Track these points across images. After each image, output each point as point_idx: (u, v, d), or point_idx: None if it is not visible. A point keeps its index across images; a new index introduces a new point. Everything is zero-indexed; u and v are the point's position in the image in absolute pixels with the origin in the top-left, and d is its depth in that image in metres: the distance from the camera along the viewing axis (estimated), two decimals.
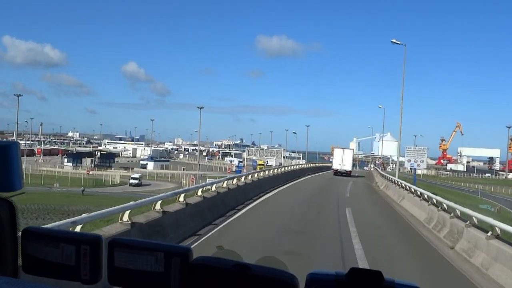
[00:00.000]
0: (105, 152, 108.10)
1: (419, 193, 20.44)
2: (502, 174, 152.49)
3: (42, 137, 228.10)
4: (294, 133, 75.08)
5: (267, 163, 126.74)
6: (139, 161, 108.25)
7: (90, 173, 79.12)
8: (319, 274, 1.20)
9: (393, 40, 34.23)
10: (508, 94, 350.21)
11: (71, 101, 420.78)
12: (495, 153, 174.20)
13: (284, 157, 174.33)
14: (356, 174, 61.48)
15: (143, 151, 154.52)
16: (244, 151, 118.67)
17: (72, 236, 1.27)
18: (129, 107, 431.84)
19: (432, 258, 12.46)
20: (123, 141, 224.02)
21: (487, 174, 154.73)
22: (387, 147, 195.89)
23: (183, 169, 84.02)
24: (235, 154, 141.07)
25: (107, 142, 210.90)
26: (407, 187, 24.20)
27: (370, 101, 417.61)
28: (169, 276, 1.16)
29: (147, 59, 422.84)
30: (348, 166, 53.14)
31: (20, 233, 1.30)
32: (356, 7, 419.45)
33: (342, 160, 52.79)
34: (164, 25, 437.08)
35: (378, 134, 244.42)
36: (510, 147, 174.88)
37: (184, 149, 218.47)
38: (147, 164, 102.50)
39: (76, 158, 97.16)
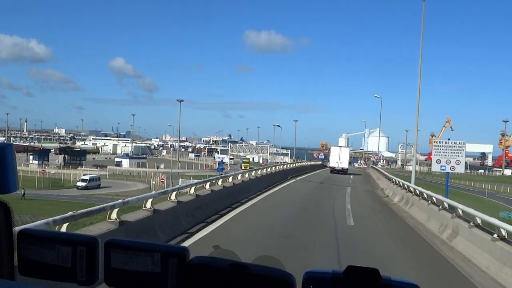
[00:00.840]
0: (75, 149, 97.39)
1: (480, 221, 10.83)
2: (497, 170, 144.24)
3: (27, 133, 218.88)
4: (278, 126, 65.31)
5: (253, 160, 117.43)
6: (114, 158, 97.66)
7: (54, 172, 69.06)
8: (316, 273, 1.18)
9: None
10: (500, 89, 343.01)
11: (58, 97, 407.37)
12: (487, 148, 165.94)
13: (271, 153, 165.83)
14: (351, 173, 54.07)
15: (124, 148, 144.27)
16: (242, 146, 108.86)
17: (68, 238, 1.25)
18: (116, 103, 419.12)
19: None
20: (108, 137, 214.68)
21: (481, 171, 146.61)
22: (376, 142, 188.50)
23: (157, 168, 73.83)
24: (221, 150, 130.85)
25: (92, 139, 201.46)
26: (447, 206, 14.49)
27: (360, 96, 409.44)
28: (166, 277, 1.15)
29: (134, 55, 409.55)
30: (344, 164, 51.80)
31: (16, 235, 1.26)
32: (346, 1, 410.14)
33: (339, 158, 51.49)
34: (151, 20, 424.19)
35: (368, 130, 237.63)
36: (501, 142, 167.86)
37: (170, 145, 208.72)
38: (121, 161, 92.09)
39: (43, 155, 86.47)
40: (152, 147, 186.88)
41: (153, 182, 59.22)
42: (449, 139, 26.29)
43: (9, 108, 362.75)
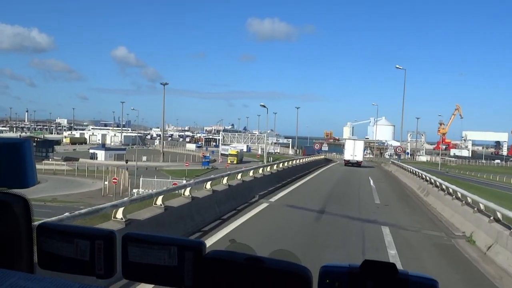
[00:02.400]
0: (40, 139, 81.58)
1: None
2: None
3: (28, 123, 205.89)
4: (263, 106, 48.65)
5: (249, 150, 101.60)
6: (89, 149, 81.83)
7: None
8: (332, 267, 1.13)
9: None
10: None
11: (61, 87, 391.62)
12: (502, 136, 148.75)
13: (274, 143, 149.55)
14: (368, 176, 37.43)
15: (114, 137, 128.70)
16: (235, 136, 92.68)
17: (86, 232, 1.22)
18: (120, 92, 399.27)
19: None
20: (108, 127, 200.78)
21: (497, 161, 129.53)
22: (381, 131, 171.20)
23: (126, 162, 58.02)
24: (219, 140, 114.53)
25: (92, 128, 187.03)
26: None
27: (365, 85, 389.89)
28: (182, 270, 1.12)
29: (137, 44, 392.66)
30: (359, 157, 49.48)
31: (35, 228, 1.24)
32: None
33: (353, 151, 49.25)
34: (153, 8, 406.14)
35: (373, 118, 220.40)
36: None
37: (170, 135, 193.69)
38: (96, 153, 76.27)
39: None
40: (149, 137, 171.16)
41: (106, 183, 43.47)
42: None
43: (13, 99, 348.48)
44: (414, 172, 26.85)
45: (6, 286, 0.89)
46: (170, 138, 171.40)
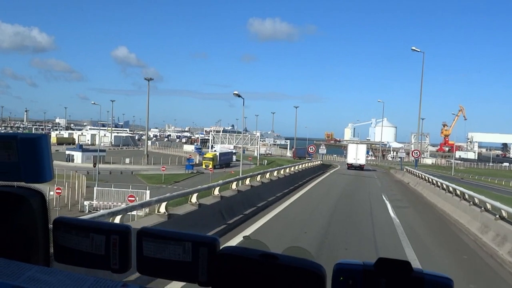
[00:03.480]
0: None
1: None
2: None
3: (26, 123, 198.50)
4: (238, 95, 37.86)
5: (244, 152, 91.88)
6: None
7: None
8: (346, 264, 1.10)
9: None
10: None
11: (63, 87, 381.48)
12: (509, 138, 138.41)
13: (271, 145, 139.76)
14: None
15: (104, 138, 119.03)
16: (226, 136, 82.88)
17: (102, 226, 1.21)
18: (121, 93, 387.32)
19: None
20: (105, 128, 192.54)
21: (505, 164, 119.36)
22: (383, 133, 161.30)
23: (94, 165, 48.54)
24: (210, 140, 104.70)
25: (89, 128, 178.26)
26: None
27: (367, 86, 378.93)
28: (196, 266, 1.10)
29: (137, 44, 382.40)
30: (362, 160, 47.62)
31: (52, 223, 1.24)
32: None
33: (356, 154, 47.46)
34: (154, 8, 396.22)
35: (374, 120, 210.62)
36: None
37: (167, 135, 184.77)
38: (73, 155, 66.74)
39: None
40: (143, 137, 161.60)
41: (52, 193, 33.81)
42: None
43: (14, 98, 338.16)
44: (457, 193, 16.81)
45: (24, 278, 0.90)
46: (166, 139, 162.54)
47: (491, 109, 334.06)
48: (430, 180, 23.22)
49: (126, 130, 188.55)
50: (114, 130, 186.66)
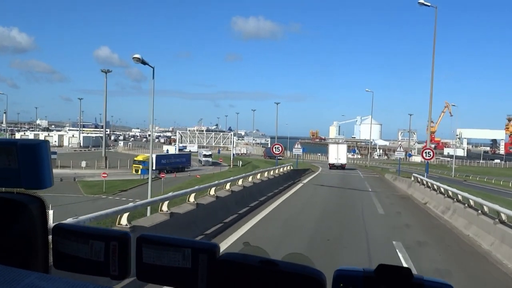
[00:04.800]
0: None
1: None
2: None
3: (5, 125, 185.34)
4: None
5: (219, 152, 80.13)
6: None
7: None
8: (346, 271, 1.06)
9: None
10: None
11: (45, 89, 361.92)
12: (498, 134, 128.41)
13: (250, 143, 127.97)
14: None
15: (72, 139, 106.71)
16: (195, 135, 70.79)
17: (101, 233, 1.17)
18: (103, 94, 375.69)
19: None
20: (85, 128, 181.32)
21: (496, 160, 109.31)
22: (368, 131, 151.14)
23: None
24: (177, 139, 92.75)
25: (69, 130, 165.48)
26: None
27: (353, 84, 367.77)
28: (196, 272, 1.06)
29: (119, 44, 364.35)
30: (343, 160, 46.54)
31: (51, 229, 1.20)
32: None
33: (337, 154, 46.32)
34: (135, 8, 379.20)
35: (359, 117, 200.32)
36: (507, 128, 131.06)
37: (144, 136, 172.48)
38: None
39: None
40: (120, 137, 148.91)
41: None
42: None
43: None
44: None
45: (22, 286, 0.87)
46: (145, 139, 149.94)
47: (476, 105, 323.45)
48: (469, 202, 12.12)
49: (107, 131, 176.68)
50: (93, 130, 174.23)
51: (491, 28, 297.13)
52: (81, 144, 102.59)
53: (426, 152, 22.24)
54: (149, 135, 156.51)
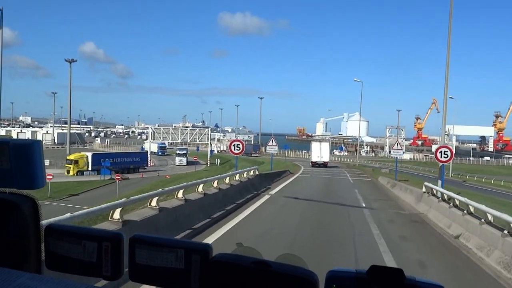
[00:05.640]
0: None
1: None
2: (509, 157, 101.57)
3: None
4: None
5: (197, 149, 73.00)
6: None
7: None
8: (339, 272, 1.05)
9: None
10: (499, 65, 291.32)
11: (29, 84, 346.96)
12: (487, 131, 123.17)
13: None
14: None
15: (46, 135, 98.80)
16: (169, 130, 63.55)
17: (94, 233, 1.15)
18: (91, 90, 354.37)
19: None
20: (67, 125, 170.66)
21: (486, 158, 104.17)
22: (355, 127, 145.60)
23: None
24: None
25: (50, 126, 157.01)
26: None
27: (340, 81, 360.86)
28: (189, 273, 1.04)
29: (105, 40, 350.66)
30: (325, 158, 44.78)
31: (43, 230, 1.19)
32: None
33: (320, 152, 44.64)
34: (121, 2, 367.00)
35: (347, 114, 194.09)
36: (495, 124, 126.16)
37: (127, 132, 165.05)
38: None
39: None
40: (101, 134, 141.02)
41: None
42: None
43: None
44: None
45: (14, 286, 0.85)
46: (127, 136, 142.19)
47: (464, 102, 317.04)
48: None
49: (90, 127, 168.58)
50: (75, 127, 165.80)
51: (478, 25, 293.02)
52: (56, 141, 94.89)
53: (441, 152, 15.33)
54: (132, 131, 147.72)
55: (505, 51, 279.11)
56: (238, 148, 18.40)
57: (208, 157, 61.01)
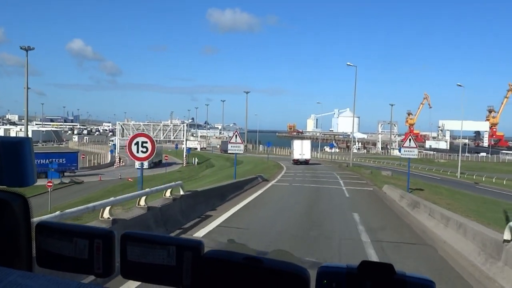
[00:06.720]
0: None
1: None
2: (507, 153, 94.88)
3: None
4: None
5: (174, 148, 65.23)
6: None
7: None
8: (330, 267, 1.04)
9: None
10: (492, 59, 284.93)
11: (16, 82, 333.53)
12: (482, 126, 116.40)
13: (216, 137, 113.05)
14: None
15: (19, 133, 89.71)
16: (139, 126, 55.52)
17: (85, 230, 1.13)
18: (79, 88, 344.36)
19: None
20: (54, 123, 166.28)
21: (482, 154, 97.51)
22: (346, 123, 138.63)
23: None
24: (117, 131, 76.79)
25: (35, 124, 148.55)
26: None
27: (330, 77, 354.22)
28: (181, 270, 1.02)
29: (93, 37, 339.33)
30: (307, 155, 44.09)
31: (34, 227, 1.17)
32: None
33: (301, 150, 43.94)
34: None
35: (337, 110, 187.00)
36: (488, 119, 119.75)
37: (112, 129, 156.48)
38: None
39: None
40: (84, 131, 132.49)
41: None
42: None
43: None
44: None
45: (5, 283, 0.84)
46: (111, 133, 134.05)
47: (456, 97, 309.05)
48: None
49: (77, 125, 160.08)
50: (60, 125, 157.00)
51: (470, 20, 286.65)
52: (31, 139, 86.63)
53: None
54: (113, 129, 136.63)
55: (499, 46, 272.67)
56: (144, 150, 9.62)
57: (184, 156, 53.36)
